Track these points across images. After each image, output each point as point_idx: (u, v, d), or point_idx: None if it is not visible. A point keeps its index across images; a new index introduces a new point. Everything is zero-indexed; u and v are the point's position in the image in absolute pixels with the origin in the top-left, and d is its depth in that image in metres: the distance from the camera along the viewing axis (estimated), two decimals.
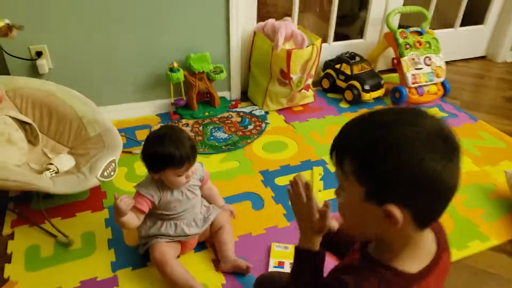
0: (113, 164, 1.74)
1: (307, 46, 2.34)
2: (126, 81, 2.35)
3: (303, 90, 2.48)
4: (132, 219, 1.31)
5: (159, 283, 1.37)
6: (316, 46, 2.35)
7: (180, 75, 2.29)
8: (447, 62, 2.92)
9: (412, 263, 0.69)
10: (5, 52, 1.97)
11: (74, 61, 2.16)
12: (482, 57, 3.51)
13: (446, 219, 1.63)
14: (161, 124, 2.35)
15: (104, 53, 2.21)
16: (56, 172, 1.71)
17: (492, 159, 2.10)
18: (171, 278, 1.32)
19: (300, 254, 0.86)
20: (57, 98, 1.90)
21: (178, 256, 1.44)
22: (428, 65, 2.65)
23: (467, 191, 1.85)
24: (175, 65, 2.28)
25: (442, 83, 2.74)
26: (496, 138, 2.30)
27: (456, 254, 1.50)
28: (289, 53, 2.26)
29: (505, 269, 1.48)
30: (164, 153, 1.26)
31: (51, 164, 1.73)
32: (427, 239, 0.72)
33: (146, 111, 2.47)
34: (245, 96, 2.72)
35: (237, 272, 1.41)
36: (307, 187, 0.84)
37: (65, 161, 1.78)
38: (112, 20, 2.13)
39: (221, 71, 2.40)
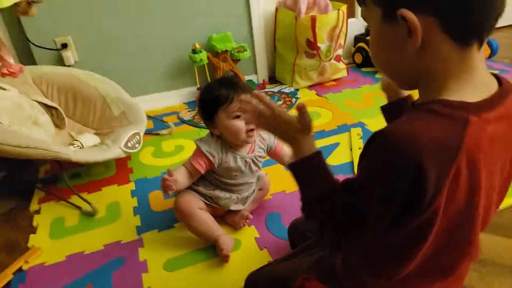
0: (137, 137, 1.68)
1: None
2: (151, 69, 2.32)
3: (333, 61, 2.35)
4: (181, 185, 1.17)
5: (185, 242, 1.26)
6: (342, 11, 2.23)
7: (203, 56, 2.23)
8: None
9: (465, 93, 0.53)
10: (31, 42, 1.99)
11: (99, 52, 2.16)
12: None
13: None
14: (189, 110, 2.29)
15: (128, 42, 2.20)
16: (80, 148, 1.66)
17: None
18: (196, 230, 1.21)
19: (297, 166, 0.69)
20: (80, 81, 1.88)
21: None
22: None
23: None
24: (197, 46, 2.23)
25: (489, 42, 2.52)
26: None
27: None
28: (313, 19, 2.15)
29: None
30: (210, 95, 1.18)
31: (76, 140, 1.69)
32: (481, 69, 0.55)
33: (174, 101, 2.43)
34: (273, 80, 2.63)
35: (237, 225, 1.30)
36: (259, 97, 0.73)
37: (89, 139, 1.73)
38: (134, 7, 2.13)
39: (245, 50, 2.33)
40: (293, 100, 2.27)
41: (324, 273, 0.77)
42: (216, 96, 1.16)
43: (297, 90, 2.41)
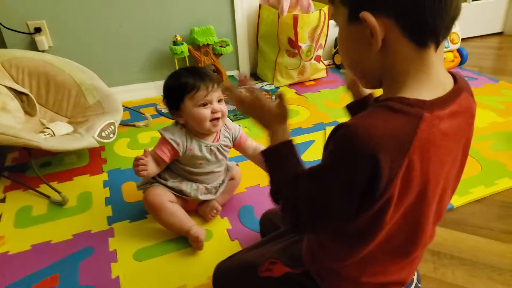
0: (112, 127, 1.64)
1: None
2: (130, 60, 2.28)
3: (313, 61, 2.36)
4: (151, 169, 1.17)
5: (157, 233, 1.24)
6: (324, 12, 2.24)
7: (184, 48, 2.21)
8: (462, 39, 2.78)
9: (421, 91, 0.57)
10: (1, 24, 1.92)
11: (75, 38, 2.11)
12: (499, 33, 3.35)
13: (472, 163, 1.53)
14: None
15: (107, 29, 2.15)
16: (51, 136, 1.61)
17: None
18: (167, 223, 1.20)
19: (271, 151, 0.72)
20: (54, 67, 1.83)
21: None
22: None
23: (493, 138, 1.71)
24: (179, 38, 2.21)
25: (459, 50, 2.60)
26: None
27: (484, 191, 1.38)
28: (295, 18, 2.16)
29: None
30: (177, 82, 1.17)
31: (47, 128, 1.64)
32: (438, 68, 0.58)
33: (152, 92, 2.38)
34: (255, 77, 2.62)
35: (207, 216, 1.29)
36: (244, 81, 0.76)
37: (61, 127, 1.69)
38: None
39: (227, 45, 2.31)
40: (273, 97, 2.27)
41: (291, 258, 0.80)
42: (183, 83, 1.16)
43: (278, 87, 2.42)
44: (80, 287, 1.05)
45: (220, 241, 1.19)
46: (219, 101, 1.20)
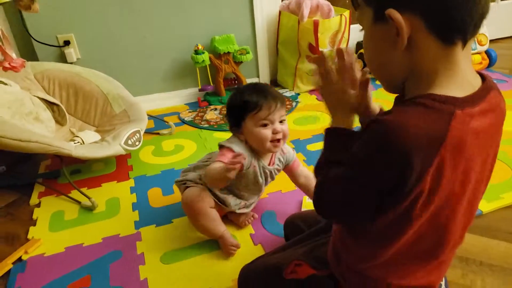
0: (137, 135, 1.70)
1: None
2: (154, 69, 2.35)
3: None
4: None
5: (182, 237, 1.27)
6: (345, 17, 2.26)
7: (206, 57, 2.26)
8: (491, 41, 2.73)
9: (450, 89, 0.56)
10: (33, 38, 2.02)
11: (101, 50, 2.19)
12: None
13: (502, 168, 1.51)
14: (190, 111, 2.32)
15: (131, 41, 2.22)
16: (81, 144, 1.68)
17: None
18: (203, 227, 1.20)
19: (332, 133, 0.72)
20: (82, 78, 1.91)
21: None
22: None
23: None
24: (200, 47, 2.26)
25: (487, 52, 2.55)
26: None
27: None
28: (316, 24, 2.18)
29: None
30: (239, 100, 1.14)
31: (77, 136, 1.71)
32: (465, 67, 0.58)
33: (175, 101, 2.45)
34: (275, 83, 2.65)
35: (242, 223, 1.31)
36: (340, 54, 0.71)
37: (90, 135, 1.75)
38: (138, 6, 2.15)
39: (247, 53, 2.35)
40: (293, 104, 2.29)
41: (316, 261, 0.80)
42: (245, 101, 1.12)
43: (298, 94, 2.44)
44: None
45: (243, 245, 1.21)
46: (281, 121, 1.15)
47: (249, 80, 2.53)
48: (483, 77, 0.62)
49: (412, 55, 0.58)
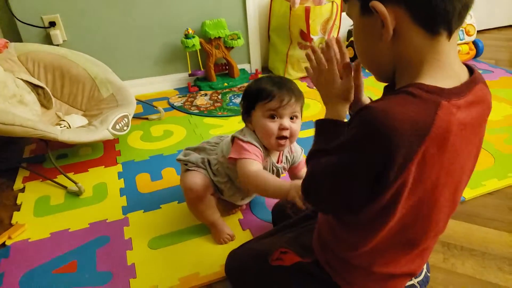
0: (126, 119, 1.67)
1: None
2: (143, 53, 2.31)
3: None
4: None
5: (170, 222, 1.26)
6: (336, 4, 2.24)
7: (196, 41, 2.22)
8: (478, 31, 2.74)
9: (436, 79, 0.57)
10: (17, 18, 1.96)
11: (89, 33, 2.14)
12: None
13: (485, 156, 1.53)
14: (179, 96, 2.29)
15: (120, 23, 2.18)
16: (67, 128, 1.65)
17: None
18: (199, 211, 1.18)
19: (322, 125, 0.74)
20: (69, 61, 1.86)
21: None
22: None
23: (508, 131, 1.69)
24: (190, 31, 2.23)
25: (474, 43, 2.56)
26: None
27: (497, 184, 1.38)
28: (307, 10, 2.16)
29: None
30: (255, 86, 1.08)
31: (63, 120, 1.68)
32: (451, 57, 0.59)
33: (165, 86, 2.42)
34: (266, 70, 2.64)
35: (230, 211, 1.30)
36: (328, 47, 0.74)
37: (77, 120, 1.73)
38: None
39: (239, 38, 2.33)
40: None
41: (302, 247, 0.81)
42: (259, 89, 1.06)
43: None
44: (98, 273, 1.09)
45: (232, 230, 1.21)
46: (292, 118, 1.07)
47: (240, 66, 2.50)
48: (470, 69, 0.63)
49: (399, 46, 0.58)
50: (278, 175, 1.17)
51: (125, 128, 1.65)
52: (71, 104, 1.87)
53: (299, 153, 1.22)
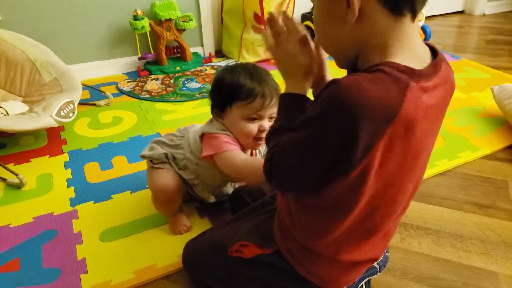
0: (71, 105, 1.56)
1: None
2: (87, 35, 2.16)
3: None
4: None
5: (123, 213, 1.20)
6: None
7: (145, 23, 2.12)
8: (426, 17, 2.83)
9: (403, 60, 0.55)
10: None
11: (27, 12, 1.97)
12: (460, 12, 3.45)
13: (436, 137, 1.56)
14: (129, 81, 2.18)
15: (62, 2, 2.02)
16: (5, 115, 1.52)
17: (478, 87, 2.02)
18: (164, 207, 1.12)
19: (283, 99, 0.70)
20: (4, 42, 1.70)
21: None
22: None
23: (456, 114, 1.76)
24: (139, 12, 2.11)
25: (423, 28, 2.64)
26: (480, 71, 2.23)
27: (448, 164, 1.43)
28: None
29: (499, 172, 1.39)
30: (232, 80, 0.97)
31: (0, 107, 1.54)
32: (415, 39, 0.59)
33: (113, 70, 2.29)
34: (220, 54, 2.57)
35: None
36: (287, 18, 0.69)
37: (16, 106, 1.59)
38: None
39: (191, 20, 2.24)
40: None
41: (262, 237, 0.79)
42: (238, 85, 0.95)
43: None
44: (44, 270, 1.01)
45: (189, 219, 1.16)
46: (271, 118, 1.00)
47: (192, 49, 2.42)
48: (432, 50, 0.62)
49: (363, 28, 0.57)
50: None
51: (70, 114, 1.54)
52: (8, 89, 1.72)
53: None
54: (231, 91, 0.96)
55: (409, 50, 0.57)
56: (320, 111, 0.55)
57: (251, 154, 1.11)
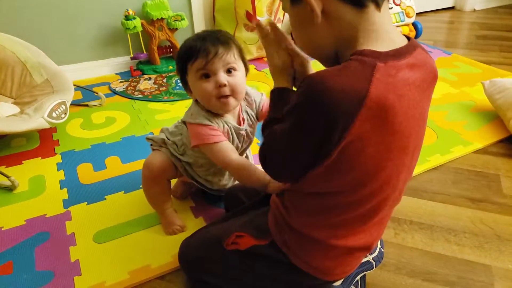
0: (63, 106, 1.55)
1: None
2: (79, 36, 2.15)
3: None
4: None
5: (116, 214, 1.19)
6: None
7: (137, 23, 2.11)
8: (417, 14, 2.84)
9: (373, 45, 0.59)
10: None
11: (17, 13, 1.95)
12: (451, 8, 3.47)
13: (428, 132, 1.57)
14: (121, 81, 2.17)
15: (50, 2, 2.00)
16: None
17: (469, 82, 2.03)
18: (153, 195, 1.12)
19: (272, 94, 0.77)
20: None
21: None
22: (397, 5, 2.55)
23: (448, 108, 1.77)
24: (131, 12, 2.10)
25: (414, 24, 2.66)
26: (471, 66, 2.24)
27: (440, 159, 1.43)
28: None
29: (491, 166, 1.40)
30: (182, 48, 0.97)
31: None
32: (386, 26, 0.62)
33: (105, 71, 2.28)
34: None
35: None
36: (273, 26, 0.77)
37: (6, 108, 1.58)
38: None
39: (183, 19, 2.23)
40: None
41: (257, 230, 0.80)
42: (185, 48, 0.95)
43: None
44: (38, 273, 1.00)
45: (184, 219, 1.16)
46: (230, 71, 0.95)
47: None
48: (408, 38, 0.65)
49: (332, 25, 0.61)
50: (248, 138, 1.08)
51: (62, 116, 1.53)
52: None
53: (256, 94, 1.10)
54: (183, 58, 0.96)
55: (381, 37, 0.60)
56: (296, 102, 0.60)
57: (238, 118, 1.06)
